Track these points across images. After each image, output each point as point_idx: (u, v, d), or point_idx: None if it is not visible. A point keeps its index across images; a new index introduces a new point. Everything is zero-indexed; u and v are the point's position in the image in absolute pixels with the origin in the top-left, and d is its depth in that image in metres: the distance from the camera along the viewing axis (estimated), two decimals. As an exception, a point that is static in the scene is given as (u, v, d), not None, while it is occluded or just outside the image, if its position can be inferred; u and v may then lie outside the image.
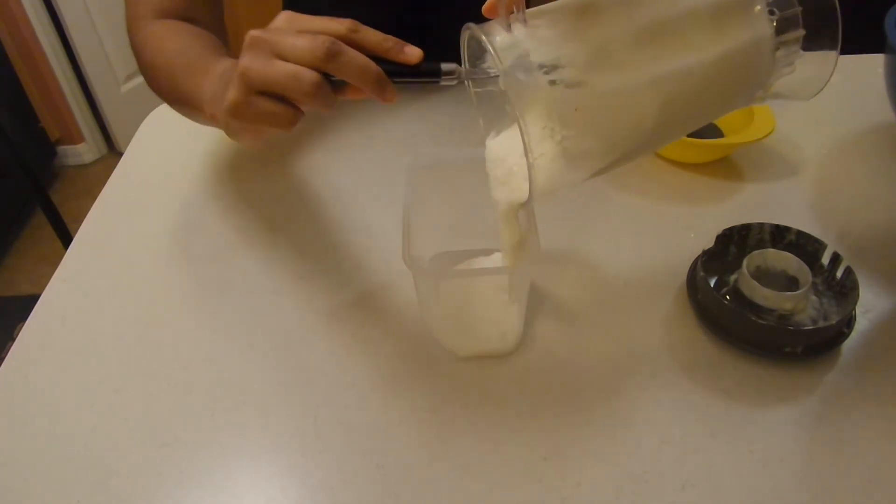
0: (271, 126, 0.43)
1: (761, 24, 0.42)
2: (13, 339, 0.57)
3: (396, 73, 0.42)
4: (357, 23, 0.41)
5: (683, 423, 0.48)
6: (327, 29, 0.40)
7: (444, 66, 0.42)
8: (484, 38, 0.38)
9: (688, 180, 0.69)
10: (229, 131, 0.48)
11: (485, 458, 0.46)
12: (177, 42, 0.61)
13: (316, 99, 0.40)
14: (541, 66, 0.39)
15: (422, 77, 0.42)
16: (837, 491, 0.43)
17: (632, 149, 0.44)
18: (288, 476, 0.46)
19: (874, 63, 0.68)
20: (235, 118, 0.43)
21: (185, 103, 0.57)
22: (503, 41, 0.39)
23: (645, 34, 0.41)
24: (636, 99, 0.41)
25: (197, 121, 0.60)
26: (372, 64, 0.40)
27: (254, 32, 0.41)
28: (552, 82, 0.38)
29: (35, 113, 2.12)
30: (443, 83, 0.42)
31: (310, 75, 0.40)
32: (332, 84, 0.42)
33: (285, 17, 0.42)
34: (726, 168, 0.70)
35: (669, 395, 0.50)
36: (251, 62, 0.40)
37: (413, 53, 0.41)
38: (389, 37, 0.41)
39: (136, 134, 0.82)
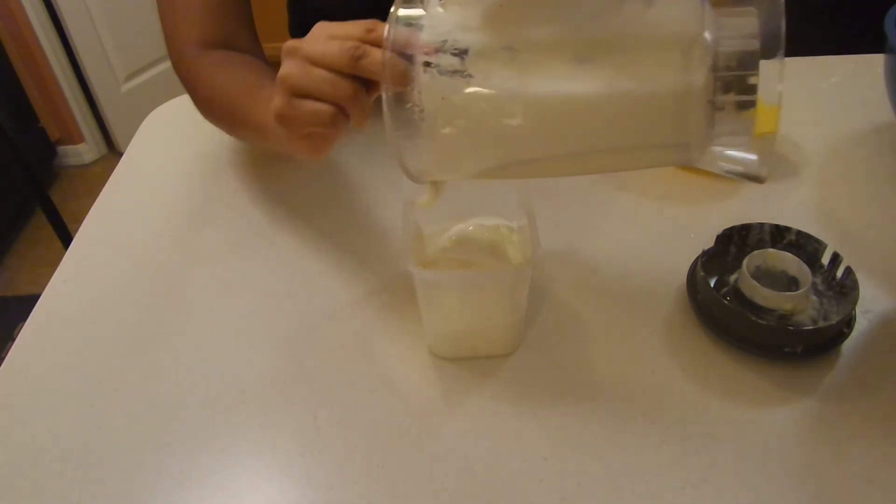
0: (315, 125, 0.45)
1: (696, 73, 0.36)
2: (13, 339, 0.57)
3: None
4: (375, 22, 0.43)
5: (683, 424, 0.48)
6: (351, 33, 0.43)
7: None
8: (393, 9, 0.41)
9: (688, 180, 0.69)
10: (288, 146, 0.50)
11: (485, 458, 0.46)
12: (232, 73, 0.62)
13: (354, 102, 0.43)
14: (428, 49, 0.39)
15: None
16: (837, 491, 0.43)
17: (504, 164, 0.42)
18: (288, 476, 0.46)
19: (874, 63, 0.68)
20: (282, 124, 0.46)
21: (253, 129, 0.58)
22: (405, 13, 0.41)
23: (554, 42, 0.39)
24: (511, 110, 0.39)
25: (266, 146, 0.63)
26: (398, 60, 0.42)
27: (290, 42, 0.44)
28: (426, 64, 0.39)
29: (35, 113, 2.12)
30: None
31: (347, 81, 0.43)
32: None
33: (318, 27, 0.45)
34: (726, 168, 0.70)
35: (669, 395, 0.50)
36: (290, 69, 0.43)
37: None
38: None
39: (136, 134, 0.82)
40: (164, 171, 0.75)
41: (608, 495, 0.44)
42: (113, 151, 2.34)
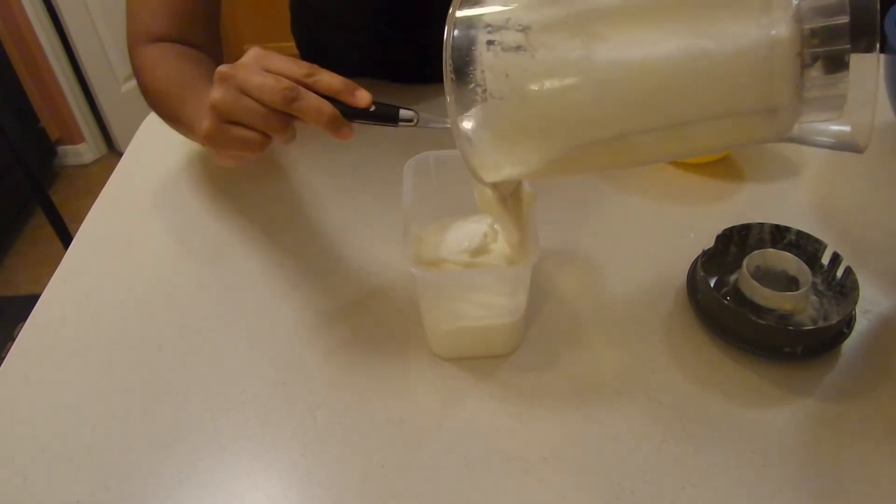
0: (242, 150, 0.46)
1: (779, 24, 0.33)
2: (13, 339, 0.57)
3: (354, 115, 0.46)
4: (315, 67, 0.45)
5: (683, 423, 0.48)
6: (287, 71, 0.44)
7: (402, 113, 0.46)
8: None
9: (688, 180, 0.69)
10: (215, 156, 0.52)
11: (485, 458, 0.46)
12: (170, 69, 0.63)
13: (282, 133, 0.45)
14: (487, 26, 0.38)
15: (377, 120, 0.46)
16: (837, 491, 0.43)
17: (574, 147, 0.39)
18: (288, 476, 0.46)
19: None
20: (210, 145, 0.47)
21: (183, 125, 0.60)
22: (463, 13, 0.39)
23: (620, 9, 0.37)
24: (578, 82, 0.37)
25: (195, 141, 0.64)
26: (327, 106, 0.44)
27: (223, 69, 0.45)
28: (489, 43, 0.38)
29: (35, 113, 2.12)
30: (400, 126, 0.46)
31: (277, 116, 0.44)
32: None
33: (253, 55, 0.45)
34: (726, 168, 0.70)
35: (669, 395, 0.50)
36: (222, 96, 0.44)
37: (361, 97, 0.45)
38: (343, 80, 0.45)
39: (136, 134, 0.82)
40: (163, 171, 0.75)
41: (608, 495, 0.44)
42: (113, 151, 2.34)
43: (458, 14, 0.39)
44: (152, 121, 0.84)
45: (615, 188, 0.68)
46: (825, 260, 0.54)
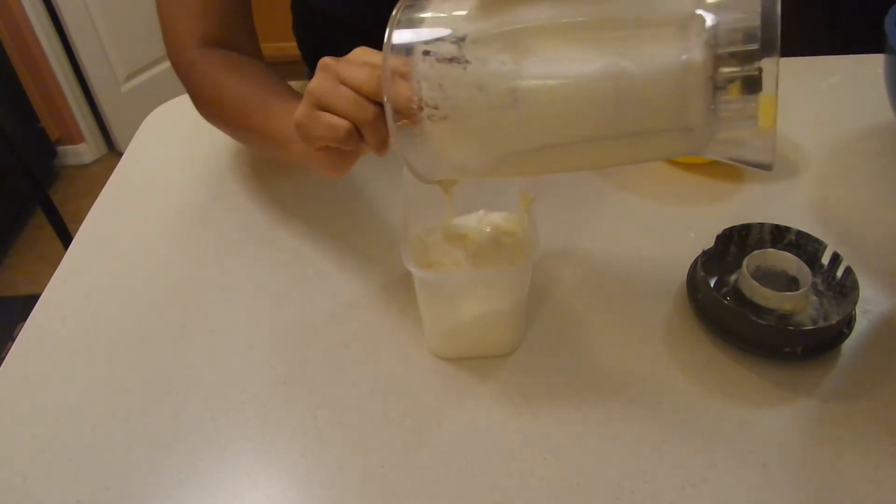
0: (329, 138, 0.45)
1: (693, 50, 0.35)
2: (13, 339, 0.57)
3: None
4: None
5: (683, 423, 0.48)
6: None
7: None
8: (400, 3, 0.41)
9: (688, 180, 0.69)
10: (305, 157, 0.51)
11: (485, 458, 0.46)
12: (243, 78, 0.62)
13: (371, 125, 0.44)
14: (426, 38, 0.40)
15: None
16: (837, 491, 0.43)
17: (508, 154, 0.41)
18: (288, 476, 0.46)
19: (874, 63, 0.68)
20: (299, 132, 0.47)
21: (266, 137, 0.58)
22: (406, 15, 0.41)
23: (550, 26, 0.38)
24: (507, 95, 0.38)
25: (279, 157, 0.62)
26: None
27: (326, 59, 0.45)
28: (425, 53, 0.39)
29: (35, 113, 2.12)
30: None
31: (368, 104, 0.43)
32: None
33: (359, 50, 0.46)
34: (726, 168, 0.70)
35: (669, 395, 0.50)
36: (319, 83, 0.45)
37: None
38: None
39: (136, 134, 0.82)
40: (163, 171, 0.75)
41: (608, 495, 0.44)
42: (113, 151, 2.34)
43: (399, 18, 0.41)
44: (152, 121, 0.84)
45: (614, 187, 0.68)
46: (825, 260, 0.54)
